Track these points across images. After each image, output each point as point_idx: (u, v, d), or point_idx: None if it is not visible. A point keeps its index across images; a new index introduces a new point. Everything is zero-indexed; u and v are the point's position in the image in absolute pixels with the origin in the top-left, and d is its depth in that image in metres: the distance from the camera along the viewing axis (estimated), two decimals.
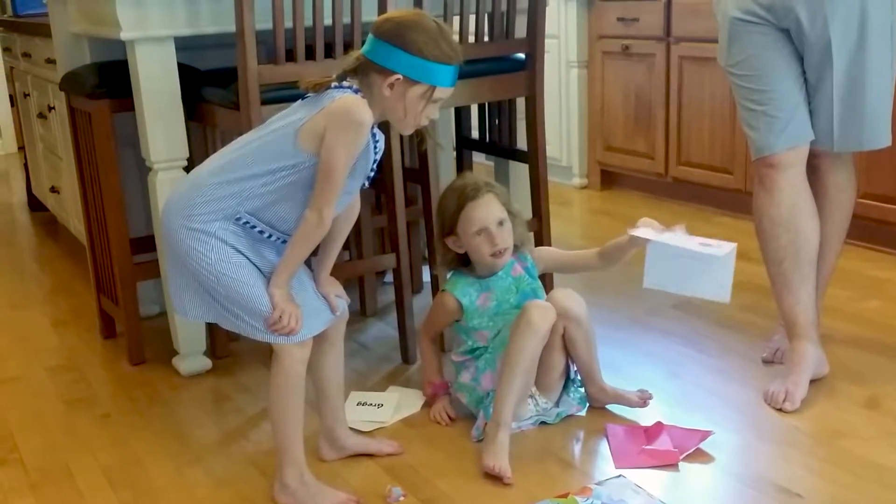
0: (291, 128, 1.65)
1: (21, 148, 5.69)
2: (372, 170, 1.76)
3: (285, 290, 1.69)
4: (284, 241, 1.71)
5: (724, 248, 1.88)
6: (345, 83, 1.68)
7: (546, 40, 2.63)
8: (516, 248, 2.11)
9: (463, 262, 2.11)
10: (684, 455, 1.89)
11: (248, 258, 1.69)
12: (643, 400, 2.12)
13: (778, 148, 2.14)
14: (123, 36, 2.18)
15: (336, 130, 1.61)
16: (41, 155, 3.75)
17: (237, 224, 1.68)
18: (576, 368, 2.11)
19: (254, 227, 1.69)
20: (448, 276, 2.16)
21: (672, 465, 1.86)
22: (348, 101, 1.63)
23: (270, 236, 1.71)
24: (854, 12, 2.04)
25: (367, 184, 1.79)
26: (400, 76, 1.64)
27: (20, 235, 4.08)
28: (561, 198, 4.07)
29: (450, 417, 2.11)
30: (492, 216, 2.03)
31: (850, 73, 2.08)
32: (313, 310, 1.75)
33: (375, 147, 1.72)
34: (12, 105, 5.59)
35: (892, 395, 2.11)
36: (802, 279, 2.19)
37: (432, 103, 1.70)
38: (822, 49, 2.07)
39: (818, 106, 2.14)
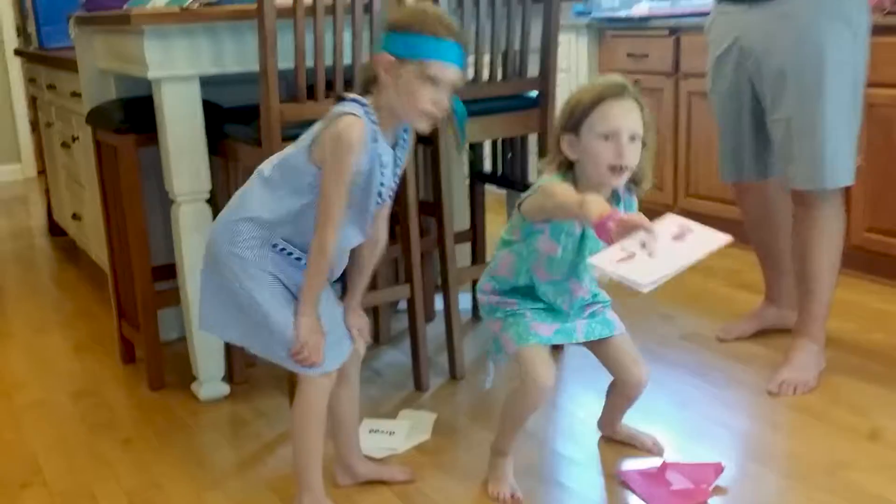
0: (304, 143, 1.72)
1: (41, 172, 5.83)
2: (381, 185, 1.75)
3: (311, 318, 1.73)
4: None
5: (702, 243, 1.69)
6: (354, 95, 1.71)
7: (560, 74, 2.71)
8: (631, 184, 1.87)
9: (567, 170, 1.85)
10: (711, 489, 1.93)
11: (284, 285, 1.74)
12: (656, 450, 2.10)
13: (725, 179, 2.56)
14: (151, 75, 2.27)
15: (329, 157, 1.66)
16: (63, 182, 3.85)
17: (275, 251, 1.73)
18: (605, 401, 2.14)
19: (290, 253, 1.74)
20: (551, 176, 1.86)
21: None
22: (341, 125, 1.65)
23: (302, 260, 1.75)
24: (812, 55, 2.21)
25: (380, 201, 1.79)
26: (390, 56, 1.66)
27: (41, 259, 4.17)
28: None
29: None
30: (628, 123, 1.77)
31: (808, 114, 2.24)
32: (336, 340, 1.81)
33: (383, 163, 1.73)
34: (32, 131, 5.72)
35: (893, 428, 2.16)
36: (781, 282, 2.63)
37: (433, 85, 1.66)
38: (781, 90, 2.26)
39: (778, 144, 2.33)
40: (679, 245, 1.66)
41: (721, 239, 1.68)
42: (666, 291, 3.03)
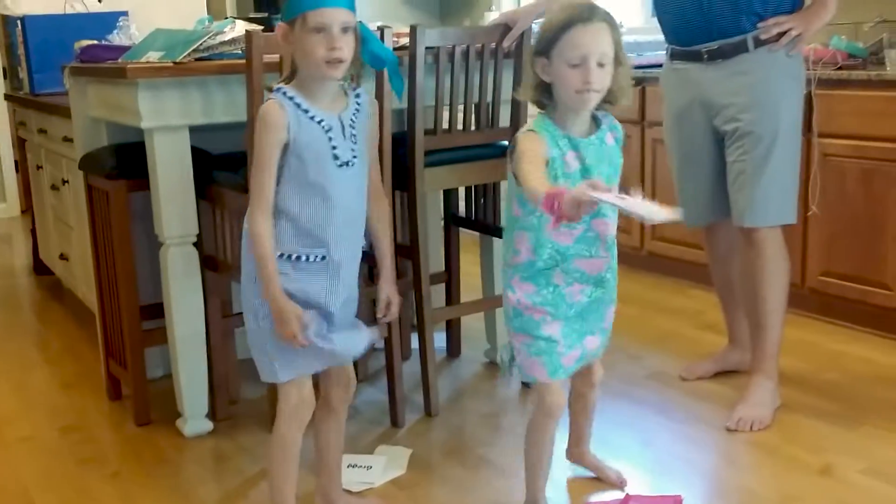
0: None
1: (24, 212, 5.92)
2: (334, 148, 1.79)
3: (276, 297, 1.79)
4: (324, 258, 1.83)
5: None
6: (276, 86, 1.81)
7: (531, 120, 2.85)
8: (608, 103, 1.89)
9: (545, 94, 1.87)
10: None
11: (293, 295, 1.81)
12: (620, 483, 2.20)
13: (690, 224, 2.71)
14: (143, 125, 2.40)
15: (255, 144, 1.79)
16: (51, 223, 3.94)
17: (282, 260, 1.81)
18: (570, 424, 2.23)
19: (290, 255, 1.82)
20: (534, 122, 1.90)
21: None
22: (258, 113, 1.78)
23: (308, 258, 1.82)
24: (768, 110, 2.43)
25: (344, 164, 1.81)
26: (284, 24, 1.75)
27: (26, 298, 4.24)
28: None
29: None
30: (597, 48, 1.77)
31: (763, 159, 2.45)
32: (311, 352, 1.86)
33: (326, 127, 1.78)
34: (17, 171, 5.83)
35: (844, 464, 2.28)
36: (742, 325, 2.75)
37: (319, 33, 1.71)
38: (739, 139, 2.46)
39: (735, 188, 2.51)
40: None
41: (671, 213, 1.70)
42: (635, 332, 3.20)
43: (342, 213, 1.83)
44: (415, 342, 3.03)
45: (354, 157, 1.83)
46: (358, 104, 1.86)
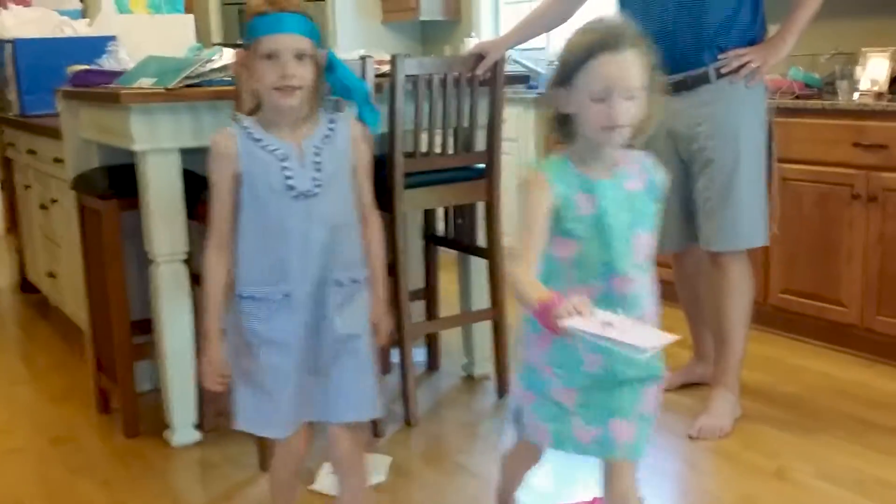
0: None
1: (8, 231, 5.98)
2: (289, 178, 1.69)
3: (209, 338, 1.74)
4: (287, 296, 1.72)
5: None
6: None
7: (508, 143, 3.00)
8: (640, 134, 1.65)
9: (564, 126, 1.65)
10: None
11: (270, 338, 1.73)
12: None
13: (658, 250, 2.79)
14: (136, 147, 2.52)
15: None
16: (39, 242, 4.04)
17: (246, 300, 1.73)
18: None
19: (252, 296, 1.72)
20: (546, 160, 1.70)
21: None
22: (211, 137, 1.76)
23: (271, 297, 1.71)
24: (730, 139, 2.56)
25: (301, 194, 1.70)
26: (240, 50, 1.71)
27: (13, 316, 4.32)
28: None
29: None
30: (623, 81, 1.55)
31: (727, 186, 2.59)
32: (262, 401, 1.75)
33: (281, 156, 1.69)
34: (1, 190, 5.91)
35: (798, 468, 2.43)
36: (708, 340, 2.89)
37: (270, 59, 1.64)
38: (705, 167, 2.60)
39: (702, 214, 2.64)
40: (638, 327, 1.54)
41: (666, 338, 1.54)
42: None
43: (304, 246, 1.71)
44: (395, 356, 3.16)
45: (317, 185, 1.71)
46: (330, 130, 1.76)
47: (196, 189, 2.68)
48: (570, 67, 1.59)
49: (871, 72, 3.39)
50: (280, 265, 1.71)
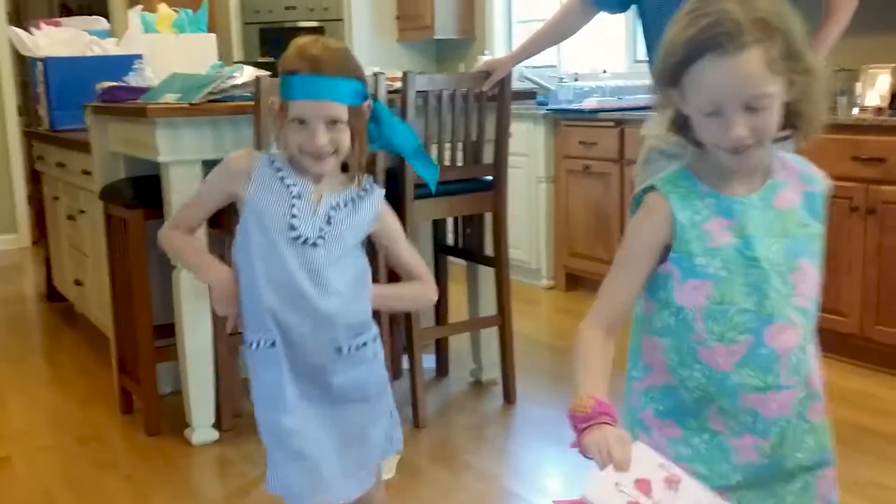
0: None
1: (35, 242, 6.18)
2: (294, 217, 1.54)
3: (207, 265, 1.68)
4: (273, 344, 1.60)
5: None
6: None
7: (518, 158, 3.11)
8: (794, 129, 1.25)
9: (686, 129, 1.28)
10: None
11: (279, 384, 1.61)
12: None
13: None
14: (161, 159, 2.66)
15: None
16: (65, 252, 4.20)
17: (256, 349, 1.63)
18: None
19: (248, 342, 1.63)
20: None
21: None
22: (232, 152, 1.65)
23: (259, 343, 1.61)
24: None
25: (303, 238, 1.56)
26: (278, 100, 1.56)
27: (40, 323, 4.48)
28: (530, 297, 4.52)
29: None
30: (737, 90, 1.17)
31: None
32: (307, 467, 1.63)
33: (294, 194, 1.56)
34: (29, 203, 6.12)
35: None
36: None
37: (300, 124, 1.51)
38: None
39: None
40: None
41: None
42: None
43: (292, 291, 1.56)
44: (405, 362, 3.27)
45: (321, 237, 1.55)
46: (358, 196, 1.60)
47: None
48: (673, 67, 1.21)
49: (873, 88, 3.48)
50: (267, 305, 1.57)
